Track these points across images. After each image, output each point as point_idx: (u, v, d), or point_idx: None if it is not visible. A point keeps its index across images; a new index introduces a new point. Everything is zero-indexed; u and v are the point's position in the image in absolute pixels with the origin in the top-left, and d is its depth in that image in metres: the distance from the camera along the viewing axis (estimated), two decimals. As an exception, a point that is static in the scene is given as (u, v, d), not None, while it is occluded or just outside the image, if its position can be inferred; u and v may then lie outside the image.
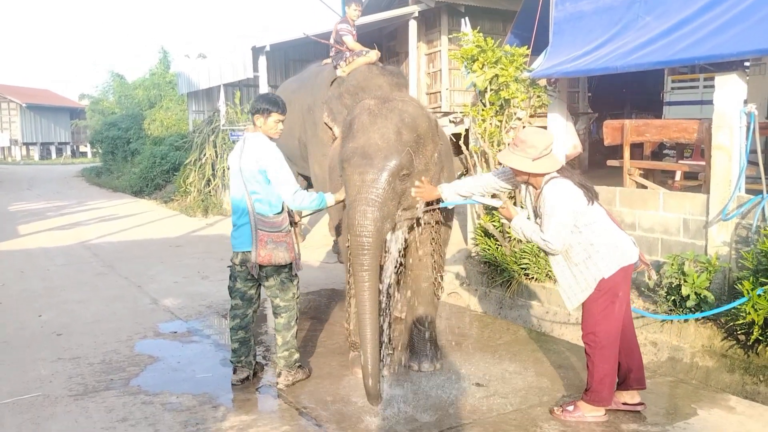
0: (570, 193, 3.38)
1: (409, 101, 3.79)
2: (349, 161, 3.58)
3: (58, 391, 4.13)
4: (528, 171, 3.41)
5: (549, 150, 3.40)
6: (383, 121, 3.59)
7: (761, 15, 4.61)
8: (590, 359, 3.56)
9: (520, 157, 3.40)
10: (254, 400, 4.00)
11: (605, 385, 3.55)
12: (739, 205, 4.92)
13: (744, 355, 4.51)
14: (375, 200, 3.48)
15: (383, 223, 3.53)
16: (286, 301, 4.12)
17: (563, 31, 6.35)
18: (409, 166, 3.58)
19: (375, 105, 3.70)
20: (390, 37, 13.24)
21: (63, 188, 20.28)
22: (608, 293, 3.46)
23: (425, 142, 3.71)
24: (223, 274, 7.58)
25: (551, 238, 3.36)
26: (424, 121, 3.74)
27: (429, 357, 4.40)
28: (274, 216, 4.01)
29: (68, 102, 43.84)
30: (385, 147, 3.52)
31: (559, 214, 3.34)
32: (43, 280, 7.44)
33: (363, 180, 3.51)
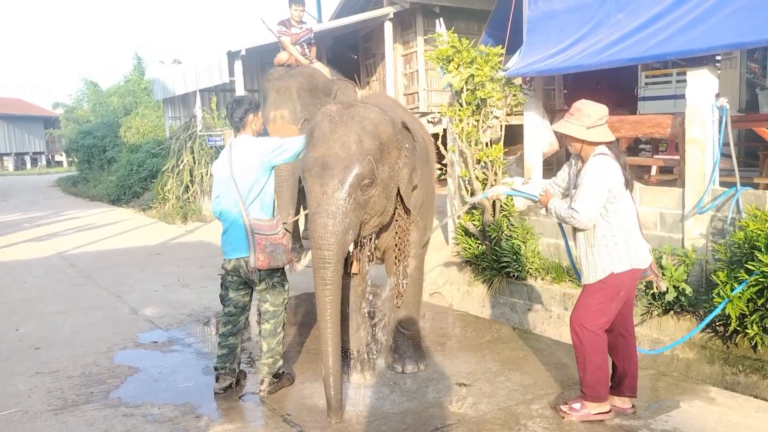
0: (610, 171, 3.39)
1: (371, 107, 3.70)
2: (310, 171, 3.52)
3: (37, 406, 4.06)
4: (581, 138, 3.44)
5: (603, 121, 3.45)
6: (343, 129, 3.53)
7: (731, 10, 4.67)
8: (579, 352, 3.56)
9: (575, 125, 3.45)
10: (237, 408, 3.97)
11: (600, 379, 3.54)
12: (713, 198, 4.98)
13: (723, 346, 4.57)
14: (335, 212, 3.43)
15: (344, 235, 3.47)
16: (275, 306, 4.11)
17: (536, 30, 6.39)
18: (371, 175, 3.51)
19: (336, 111, 3.63)
20: (366, 38, 13.24)
21: (39, 198, 19.99)
22: (611, 289, 3.47)
23: (389, 149, 3.65)
24: (203, 281, 7.53)
25: (580, 207, 3.36)
26: (387, 127, 3.65)
27: (413, 358, 4.39)
28: (269, 220, 4.00)
29: (42, 111, 43.19)
30: (345, 157, 3.45)
31: (593, 186, 3.35)
32: (20, 292, 7.33)
33: (324, 191, 3.45)
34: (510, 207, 6.45)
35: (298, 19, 6.65)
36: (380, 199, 3.65)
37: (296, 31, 6.64)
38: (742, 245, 4.43)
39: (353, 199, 3.47)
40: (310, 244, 3.56)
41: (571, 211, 3.40)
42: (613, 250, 3.43)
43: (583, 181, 3.40)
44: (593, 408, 3.59)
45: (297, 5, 6.67)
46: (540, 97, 6.86)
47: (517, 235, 6.20)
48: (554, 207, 3.55)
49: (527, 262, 6.04)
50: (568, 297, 5.67)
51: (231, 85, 12.42)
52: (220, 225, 4.26)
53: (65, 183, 23.82)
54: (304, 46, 6.70)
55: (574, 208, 3.39)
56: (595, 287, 3.49)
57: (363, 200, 3.54)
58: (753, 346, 4.36)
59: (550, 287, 5.88)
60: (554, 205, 3.55)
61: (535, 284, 6.01)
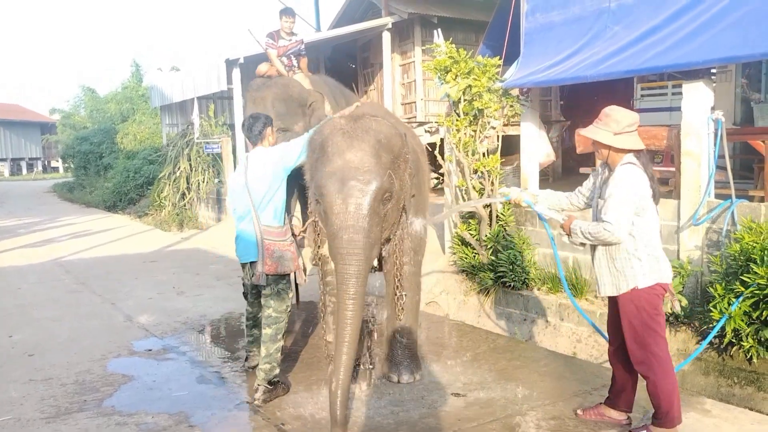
0: (639, 180, 3.28)
1: (380, 119, 3.69)
2: (328, 187, 3.44)
3: (29, 413, 4.04)
4: (609, 144, 3.33)
5: (632, 128, 3.35)
6: (360, 143, 3.48)
7: (726, 24, 4.72)
8: (650, 381, 3.36)
9: (602, 130, 3.36)
10: (232, 417, 3.95)
11: (674, 403, 3.34)
12: (709, 210, 5.00)
13: (718, 358, 4.58)
14: (362, 227, 3.37)
15: (371, 250, 3.45)
16: (278, 312, 4.16)
17: (534, 42, 6.43)
18: (391, 188, 3.49)
19: (347, 125, 3.59)
20: (364, 48, 13.29)
21: (34, 204, 19.93)
22: (648, 307, 3.32)
23: (399, 162, 3.64)
24: (198, 289, 7.51)
25: (612, 218, 3.22)
26: (398, 140, 3.66)
27: (409, 368, 4.35)
28: (279, 227, 4.13)
29: (39, 117, 43.18)
30: (367, 171, 3.41)
31: (623, 195, 3.23)
32: (14, 298, 7.29)
33: (347, 207, 3.38)
34: (507, 217, 6.46)
35: (288, 30, 6.64)
36: (394, 211, 3.64)
37: (285, 43, 6.62)
38: (738, 257, 4.45)
39: (377, 214, 3.44)
40: (335, 259, 3.49)
41: (602, 224, 3.25)
42: (636, 263, 3.30)
43: (611, 191, 3.28)
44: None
45: (287, 17, 6.67)
46: (537, 108, 6.90)
47: (514, 245, 6.21)
48: (579, 227, 3.36)
49: (523, 272, 6.05)
50: (563, 307, 5.68)
51: (229, 92, 12.45)
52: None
53: (61, 189, 23.77)
54: (292, 58, 6.69)
55: (607, 221, 3.23)
56: (632, 312, 3.33)
57: (383, 214, 3.52)
58: (748, 359, 4.37)
59: (546, 297, 5.89)
60: (579, 226, 3.36)
61: (531, 294, 6.02)
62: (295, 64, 6.69)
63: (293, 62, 6.68)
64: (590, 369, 4.70)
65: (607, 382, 4.27)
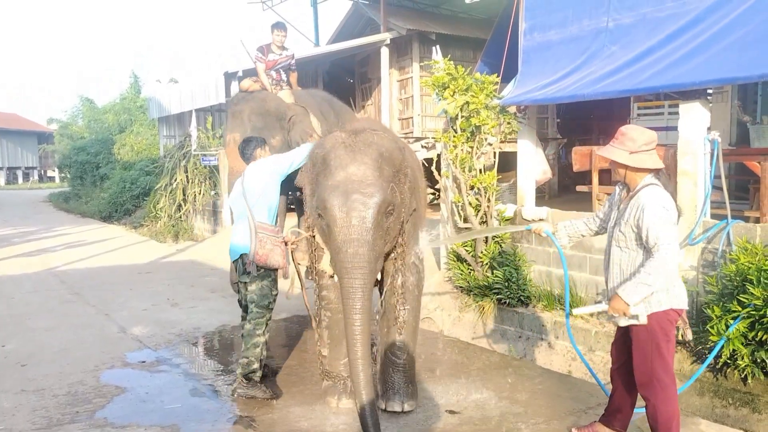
0: (670, 204, 3.19)
1: (382, 133, 3.71)
2: (331, 200, 3.43)
3: (21, 425, 4.00)
4: (625, 163, 3.25)
5: (649, 147, 3.26)
6: (363, 157, 3.49)
7: (722, 45, 4.77)
8: (650, 404, 3.32)
9: (618, 149, 3.29)
10: (225, 431, 3.92)
11: (671, 429, 3.30)
12: (705, 230, 5.02)
13: (713, 379, 4.57)
14: (366, 240, 3.36)
15: (375, 263, 3.44)
16: (259, 308, 4.31)
17: (532, 60, 6.49)
18: (393, 201, 3.49)
19: (349, 139, 3.59)
20: (362, 63, 13.36)
21: (30, 213, 19.88)
22: (660, 332, 3.25)
23: (400, 176, 3.65)
24: (193, 301, 7.49)
25: (663, 243, 3.08)
26: (399, 153, 3.68)
27: (400, 394, 4.06)
28: (271, 225, 4.37)
29: (36, 126, 43.21)
30: (370, 184, 3.42)
31: (658, 217, 3.12)
32: (8, 307, 7.25)
33: (350, 220, 3.37)
34: (502, 234, 6.47)
35: (279, 44, 6.64)
36: (395, 225, 3.63)
37: (275, 57, 6.61)
38: (734, 278, 4.46)
39: (380, 226, 3.44)
40: (340, 273, 3.48)
41: (666, 257, 3.07)
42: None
43: (647, 221, 3.12)
44: None
45: (279, 30, 6.67)
46: (534, 125, 6.94)
47: (510, 262, 6.21)
48: (633, 293, 3.14)
49: (519, 289, 6.05)
50: (559, 325, 5.67)
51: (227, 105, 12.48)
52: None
53: (57, 199, 23.72)
54: (281, 72, 6.68)
55: (667, 252, 3.07)
56: (643, 336, 3.26)
57: (386, 227, 3.52)
58: (743, 379, 4.37)
59: (541, 315, 5.89)
60: (629, 292, 3.15)
61: (526, 311, 6.01)
62: (284, 78, 6.66)
63: (282, 76, 6.65)
64: (585, 387, 4.68)
65: (603, 401, 4.26)
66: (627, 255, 3.32)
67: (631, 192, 3.31)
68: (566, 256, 6.05)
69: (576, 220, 3.79)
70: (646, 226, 3.14)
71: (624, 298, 3.17)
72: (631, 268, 3.28)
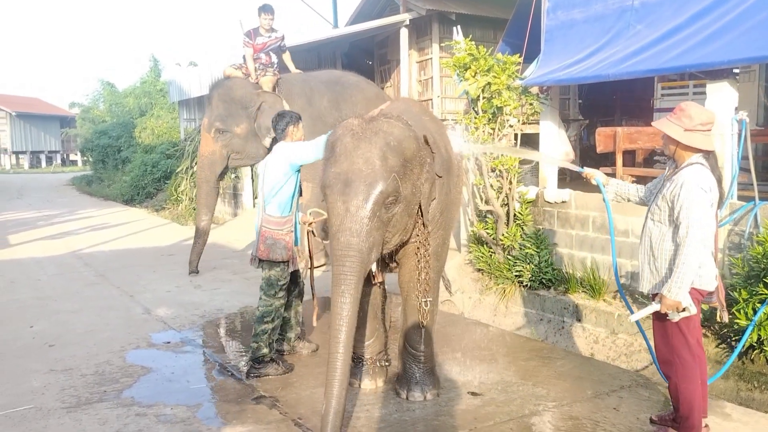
0: (708, 180, 3.18)
1: (395, 121, 3.61)
2: (332, 188, 3.42)
3: (50, 403, 4.09)
4: (677, 139, 3.23)
5: (705, 127, 3.22)
6: (367, 145, 3.43)
7: (751, 24, 4.66)
8: (671, 382, 3.34)
9: (674, 124, 3.26)
10: (249, 410, 3.97)
11: (693, 410, 3.28)
12: (731, 212, 4.95)
13: (738, 362, 4.53)
14: (359, 230, 3.34)
15: (368, 254, 3.39)
16: (266, 297, 4.46)
17: (555, 39, 6.39)
18: (395, 192, 3.42)
19: (358, 126, 3.54)
20: (381, 45, 13.27)
21: (53, 197, 20.14)
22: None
23: (412, 166, 3.55)
24: (215, 283, 7.56)
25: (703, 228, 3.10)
26: (412, 143, 3.56)
27: (420, 384, 4.06)
28: (280, 217, 4.42)
29: (58, 110, 43.63)
30: (369, 173, 3.36)
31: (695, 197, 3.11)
32: (34, 290, 7.38)
33: (347, 209, 3.35)
34: (524, 216, 6.44)
35: (267, 27, 6.56)
36: (402, 216, 3.57)
37: (263, 40, 6.53)
38: (761, 260, 4.40)
39: (377, 218, 3.38)
40: (332, 260, 3.47)
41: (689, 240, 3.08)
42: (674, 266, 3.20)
43: (683, 198, 3.13)
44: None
45: (266, 14, 6.56)
46: (556, 106, 6.85)
47: (531, 245, 6.18)
48: (681, 280, 3.11)
49: (540, 272, 6.03)
50: (581, 308, 5.65)
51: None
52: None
53: (80, 182, 24.00)
54: (271, 55, 6.60)
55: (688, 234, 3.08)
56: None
57: (387, 218, 3.45)
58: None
59: (563, 298, 5.86)
60: (678, 281, 3.12)
61: (548, 294, 5.99)
62: (275, 60, 6.59)
63: (272, 59, 6.57)
64: (608, 370, 4.67)
65: (626, 384, 4.26)
66: (658, 229, 3.33)
67: (677, 169, 3.29)
68: (588, 239, 6.03)
69: (628, 183, 3.84)
70: (680, 204, 3.14)
71: (671, 296, 3.15)
72: (660, 241, 3.29)
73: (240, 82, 6.29)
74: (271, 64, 6.53)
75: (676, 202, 3.17)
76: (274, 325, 4.49)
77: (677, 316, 3.21)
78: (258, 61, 6.45)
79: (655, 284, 3.35)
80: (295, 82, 6.40)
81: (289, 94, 6.15)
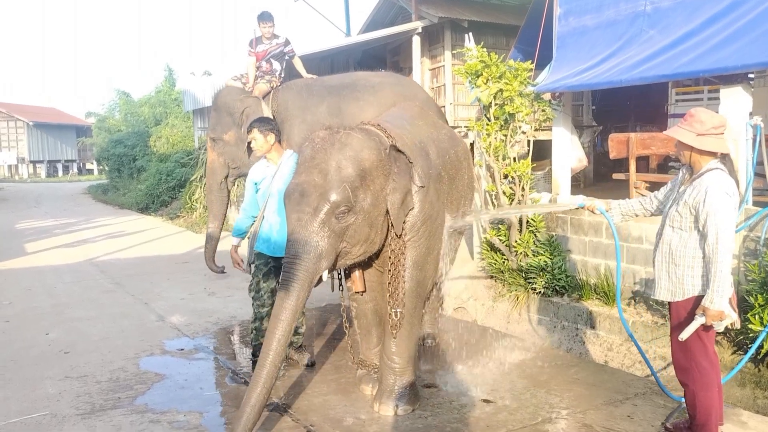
0: (733, 190, 3.16)
1: (355, 132, 3.63)
2: (289, 198, 3.54)
3: (65, 410, 4.12)
4: (690, 144, 3.21)
5: (718, 131, 3.22)
6: (322, 156, 3.52)
7: (765, 28, 4.63)
8: (688, 390, 3.32)
9: (685, 130, 3.25)
10: (261, 417, 3.97)
11: (710, 417, 3.27)
12: (746, 218, 4.90)
13: (755, 369, 4.48)
14: (306, 240, 3.42)
15: (315, 263, 3.45)
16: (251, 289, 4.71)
17: (567, 46, 6.38)
18: (347, 202, 3.45)
19: (319, 137, 3.63)
20: (394, 52, 13.31)
21: (70, 205, 20.37)
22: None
23: (372, 176, 3.56)
24: (229, 290, 7.60)
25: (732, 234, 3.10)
26: (371, 153, 3.57)
27: (392, 397, 3.91)
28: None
29: (74, 120, 44.16)
30: (320, 184, 3.44)
31: (727, 208, 3.10)
32: (50, 297, 7.45)
33: (298, 218, 3.46)
34: (537, 223, 6.41)
35: (268, 35, 6.55)
36: (362, 227, 3.58)
37: (264, 48, 6.52)
38: (776, 266, 4.35)
39: (327, 227, 3.45)
40: (282, 268, 3.58)
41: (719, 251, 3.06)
42: (698, 272, 3.22)
43: (708, 206, 3.10)
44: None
45: (264, 22, 6.53)
46: (569, 112, 6.83)
47: (544, 252, 6.16)
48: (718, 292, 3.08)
49: (554, 279, 5.99)
50: (595, 315, 5.61)
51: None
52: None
53: (96, 191, 24.25)
54: (272, 62, 6.58)
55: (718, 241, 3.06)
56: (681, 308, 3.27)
57: (339, 228, 3.49)
58: (786, 370, 4.26)
59: (576, 305, 5.83)
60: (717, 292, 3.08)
61: (561, 302, 5.96)
62: (276, 68, 6.55)
63: (273, 66, 6.54)
64: (622, 377, 4.63)
65: (640, 391, 4.23)
66: (678, 236, 3.29)
67: (695, 175, 3.26)
68: (602, 245, 5.99)
69: (630, 200, 3.80)
70: (707, 211, 3.11)
71: (714, 307, 3.11)
72: (681, 249, 3.26)
73: (228, 90, 6.29)
74: (271, 72, 6.47)
75: (701, 208, 3.14)
76: (255, 326, 4.69)
77: (721, 325, 3.17)
78: (259, 70, 6.43)
79: (675, 292, 3.32)
80: (295, 88, 6.30)
81: (284, 100, 6.09)
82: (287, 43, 6.63)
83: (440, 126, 4.64)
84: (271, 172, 4.58)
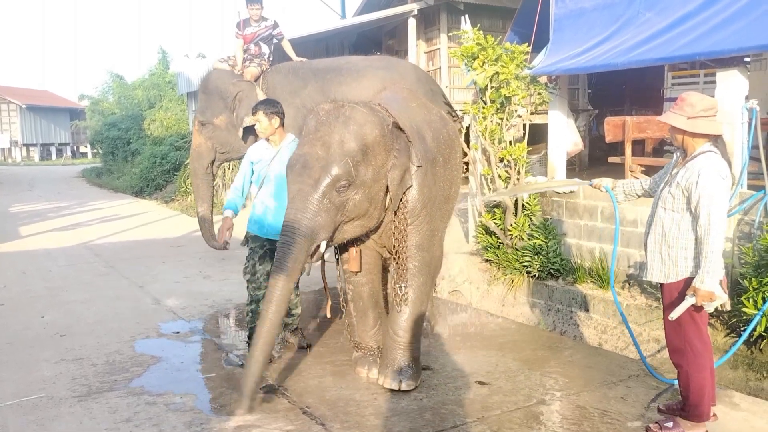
0: (726, 172, 3.17)
1: (360, 107, 3.66)
2: (292, 169, 3.58)
3: (61, 392, 4.13)
4: (682, 128, 3.23)
5: (708, 113, 3.22)
6: (326, 129, 3.55)
7: (762, 10, 4.61)
8: (682, 371, 3.34)
9: (677, 114, 3.27)
10: (258, 399, 3.99)
11: (704, 398, 3.29)
12: (741, 201, 4.92)
13: (747, 352, 4.51)
14: (305, 209, 3.47)
15: (312, 234, 3.49)
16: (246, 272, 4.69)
17: (564, 28, 6.35)
18: (348, 176, 3.47)
19: (324, 110, 3.66)
20: (390, 35, 13.24)
21: (64, 189, 20.28)
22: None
23: (374, 151, 3.59)
24: (224, 273, 7.60)
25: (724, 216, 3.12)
26: (374, 128, 3.60)
27: (398, 372, 3.96)
28: None
29: (68, 103, 43.85)
30: (323, 157, 3.48)
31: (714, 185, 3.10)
32: (45, 281, 7.44)
33: (299, 189, 3.50)
34: (533, 206, 6.41)
35: (256, 18, 6.46)
36: (362, 201, 3.61)
37: (252, 30, 6.42)
38: (770, 249, 4.37)
39: (327, 200, 3.48)
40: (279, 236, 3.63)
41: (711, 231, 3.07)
42: (690, 254, 3.23)
43: (700, 188, 3.11)
44: (689, 428, 3.34)
45: (252, 5, 6.42)
46: (565, 96, 6.81)
47: (539, 235, 6.17)
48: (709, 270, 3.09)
49: (549, 262, 6.01)
50: (589, 298, 5.64)
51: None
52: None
53: (89, 174, 24.16)
54: (261, 45, 6.50)
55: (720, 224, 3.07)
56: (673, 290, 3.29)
57: (339, 201, 3.52)
58: (778, 352, 4.30)
59: (571, 288, 5.85)
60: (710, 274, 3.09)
61: (556, 285, 5.98)
62: (265, 51, 6.47)
63: (262, 49, 6.46)
64: (616, 360, 4.66)
65: (634, 373, 4.26)
66: (670, 217, 3.31)
67: (688, 157, 3.27)
68: (597, 229, 6.01)
69: (632, 180, 3.90)
70: (699, 193, 3.12)
71: (704, 287, 3.12)
72: (674, 230, 3.27)
73: (218, 74, 6.21)
74: (260, 55, 6.37)
75: (694, 190, 3.15)
76: (251, 308, 4.67)
77: (711, 306, 3.18)
78: (247, 53, 6.34)
79: (668, 274, 3.33)
80: (283, 71, 6.22)
81: (273, 84, 6.03)
82: (276, 26, 6.54)
83: (430, 107, 4.63)
84: (269, 155, 4.56)
